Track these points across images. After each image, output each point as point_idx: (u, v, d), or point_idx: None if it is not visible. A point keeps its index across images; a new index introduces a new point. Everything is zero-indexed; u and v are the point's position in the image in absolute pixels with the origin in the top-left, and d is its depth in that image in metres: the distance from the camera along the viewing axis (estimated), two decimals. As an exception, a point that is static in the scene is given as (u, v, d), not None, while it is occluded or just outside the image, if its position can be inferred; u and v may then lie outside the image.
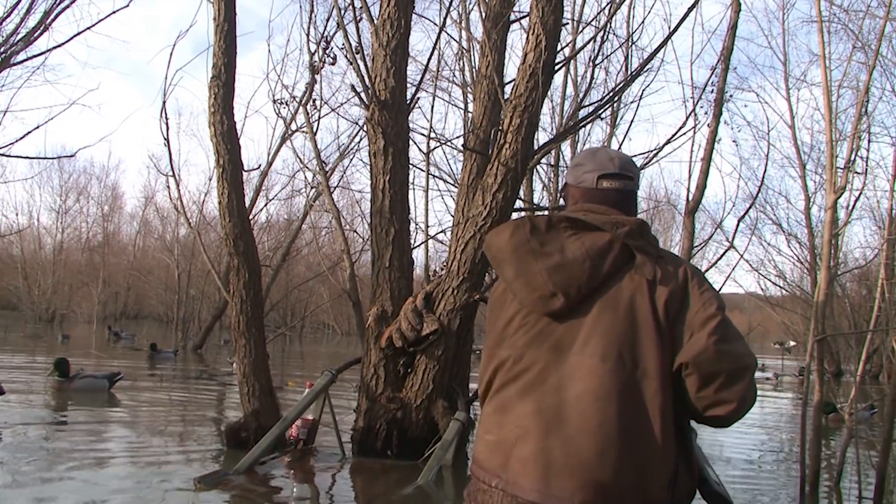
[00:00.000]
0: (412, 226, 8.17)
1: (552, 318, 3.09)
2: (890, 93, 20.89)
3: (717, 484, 3.25)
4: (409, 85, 7.39)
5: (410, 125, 7.54)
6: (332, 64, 9.27)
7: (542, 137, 12.10)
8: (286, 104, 12.50)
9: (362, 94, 7.15)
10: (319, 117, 10.93)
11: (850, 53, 8.26)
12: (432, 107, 8.68)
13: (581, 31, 11.60)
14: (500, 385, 3.17)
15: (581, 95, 12.09)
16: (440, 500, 5.76)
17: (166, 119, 7.80)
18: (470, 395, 6.95)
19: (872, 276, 18.05)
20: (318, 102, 10.82)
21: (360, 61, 7.19)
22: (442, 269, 7.31)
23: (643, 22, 19.65)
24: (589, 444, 2.94)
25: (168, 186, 24.20)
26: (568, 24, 10.69)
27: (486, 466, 3.17)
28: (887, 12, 6.70)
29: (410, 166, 7.81)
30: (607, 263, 3.07)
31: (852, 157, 5.97)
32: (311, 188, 17.02)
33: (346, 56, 7.85)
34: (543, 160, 13.32)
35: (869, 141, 20.12)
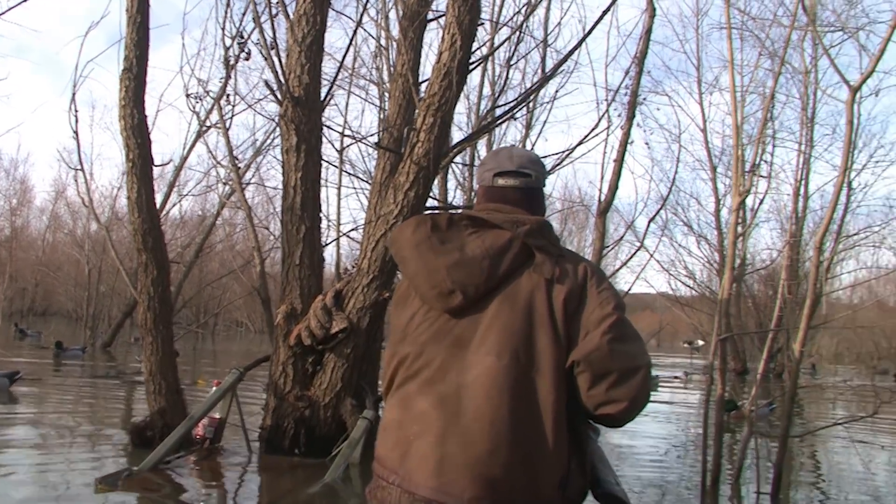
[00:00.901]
0: (325, 223, 8.13)
1: (452, 314, 3.11)
2: (795, 98, 21.54)
3: (614, 485, 3.29)
4: (325, 82, 7.36)
5: (326, 122, 7.51)
6: (247, 59, 9.17)
7: (459, 137, 12.19)
8: (200, 99, 12.34)
9: (276, 91, 7.10)
10: (233, 113, 10.82)
11: (757, 60, 8.44)
12: (347, 104, 8.71)
13: (498, 31, 11.66)
14: (401, 381, 3.19)
15: (496, 95, 12.17)
16: (346, 498, 5.74)
17: (76, 111, 7.67)
18: (379, 393, 6.93)
19: (777, 277, 18.53)
20: (232, 98, 10.72)
21: (274, 57, 7.12)
22: (353, 268, 7.28)
23: (559, 24, 19.90)
24: (481, 440, 2.96)
25: (76, 181, 23.67)
26: (485, 23, 10.77)
27: (385, 463, 3.18)
28: (793, 21, 6.88)
29: (325, 163, 7.77)
30: (506, 262, 3.10)
31: (757, 161, 6.10)
32: (224, 185, 16.84)
33: (261, 52, 7.79)
34: (459, 159, 13.37)
35: (774, 146, 20.66)
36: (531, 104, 12.72)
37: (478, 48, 7.11)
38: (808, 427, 9.34)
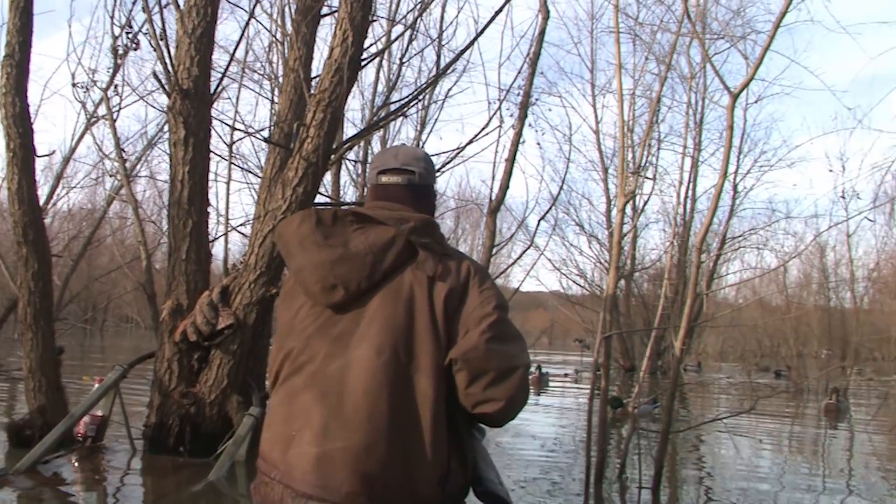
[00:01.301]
0: (214, 218, 8.03)
1: (335, 310, 3.13)
2: (683, 103, 22.07)
3: (496, 483, 3.33)
4: (217, 75, 7.26)
5: (217, 116, 7.41)
6: (136, 49, 8.95)
7: (353, 133, 12.13)
8: (88, 89, 12.00)
9: (165, 83, 6.97)
10: (121, 105, 10.54)
11: (644, 64, 8.62)
12: (237, 98, 8.60)
13: (393, 28, 11.67)
14: (285, 376, 3.19)
15: (388, 93, 12.17)
16: (231, 497, 5.68)
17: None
18: (266, 389, 6.87)
19: (670, 279, 18.96)
20: (120, 89, 10.46)
21: (163, 48, 6.98)
22: (241, 263, 7.20)
23: (453, 22, 20.00)
24: (358, 436, 2.98)
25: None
26: (379, 20, 10.76)
27: (268, 458, 3.18)
28: (679, 27, 7.05)
29: (217, 157, 7.69)
30: (389, 258, 3.13)
31: (644, 163, 6.24)
32: (112, 177, 16.45)
33: (150, 42, 7.62)
34: (353, 156, 13.34)
35: (659, 148, 21.12)
36: (426, 102, 12.77)
37: (371, 44, 7.11)
38: (692, 423, 9.58)
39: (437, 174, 8.05)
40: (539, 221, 8.73)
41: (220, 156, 7.79)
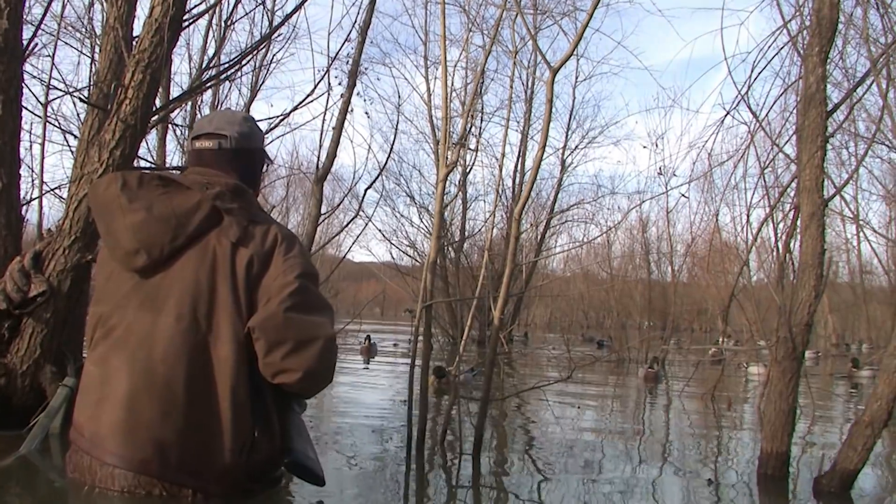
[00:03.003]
0: (29, 180, 7.69)
1: (141, 274, 3.07)
2: (506, 76, 22.44)
3: (307, 456, 3.33)
4: (31, 29, 6.90)
5: (39, 74, 7.07)
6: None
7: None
8: None
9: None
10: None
11: (467, 37, 8.70)
12: (53, 55, 8.15)
13: (222, -11, 11.38)
14: (96, 341, 3.18)
15: (212, 56, 11.89)
16: (44, 470, 5.47)
17: None
18: (83, 359, 6.63)
19: (494, 249, 19.31)
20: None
21: (-31, 0, 6.60)
22: (56, 228, 6.90)
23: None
24: (154, 404, 2.97)
25: None
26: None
27: (77, 426, 3.16)
28: (504, 1, 7.13)
29: (34, 117, 7.35)
30: (193, 223, 3.10)
31: (466, 134, 6.30)
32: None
33: (-45, -8, 7.19)
34: (180, 120, 12.98)
35: (482, 120, 21.42)
36: (257, 66, 12.54)
37: (196, 5, 6.91)
38: (517, 391, 9.80)
39: (266, 138, 7.91)
40: (366, 190, 8.72)
41: (36, 115, 7.41)
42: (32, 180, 7.71)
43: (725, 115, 7.03)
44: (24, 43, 6.67)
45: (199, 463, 2.96)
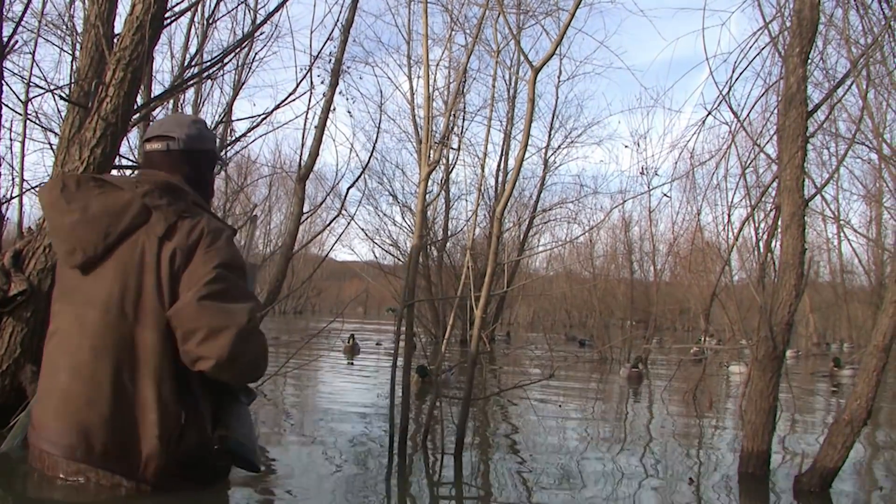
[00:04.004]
0: (9, 178, 7.66)
1: (81, 271, 3.26)
2: (488, 76, 22.49)
3: (242, 446, 3.43)
4: (10, 25, 6.86)
5: (20, 72, 7.02)
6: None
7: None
8: None
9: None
10: None
11: (450, 35, 8.69)
12: (33, 52, 8.07)
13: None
14: (49, 336, 3.39)
15: (194, 54, 11.85)
16: (25, 469, 5.44)
17: None
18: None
19: (477, 248, 19.30)
20: None
21: (-51, -4, 6.55)
22: (36, 227, 6.86)
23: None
24: (82, 393, 3.15)
25: None
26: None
27: (32, 420, 3.37)
28: (486, 2, 7.13)
29: (13, 114, 7.32)
30: (124, 221, 3.29)
31: (448, 133, 6.30)
32: None
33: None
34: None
35: (465, 119, 21.46)
36: (239, 65, 12.48)
37: (177, 2, 6.88)
38: (499, 390, 9.81)
39: (248, 137, 7.86)
40: (348, 189, 8.69)
41: (15, 111, 7.38)
42: (13, 178, 7.67)
43: (707, 115, 7.03)
44: (5, 40, 6.64)
45: (123, 450, 3.13)
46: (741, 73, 6.74)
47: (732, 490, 5.35)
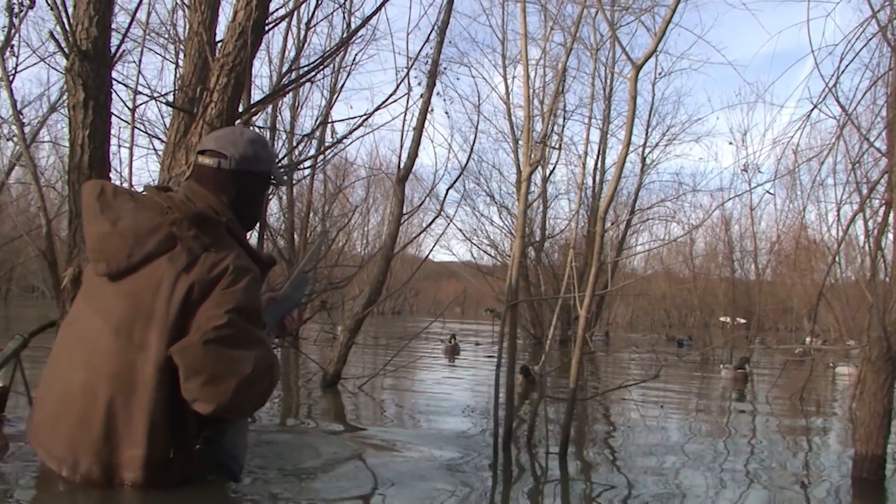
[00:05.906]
0: (117, 184, 7.84)
1: (108, 278, 3.22)
2: (587, 74, 22.28)
3: (226, 452, 3.37)
4: (118, 36, 7.04)
5: (124, 80, 7.21)
6: (31, 8, 8.65)
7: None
8: (-20, 50, 11.54)
9: (62, 44, 6.74)
10: (17, 67, 10.16)
11: (549, 34, 8.64)
12: (140, 61, 8.27)
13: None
14: (65, 324, 3.49)
15: (294, 59, 12.01)
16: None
17: None
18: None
19: (578, 248, 19.15)
20: (17, 50, 10.09)
21: (60, 7, 6.75)
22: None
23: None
24: (76, 409, 3.14)
25: None
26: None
27: (31, 418, 3.44)
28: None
29: (121, 122, 7.51)
30: (149, 246, 3.26)
31: (549, 133, 6.26)
32: (10, 141, 16.02)
33: (46, 1, 7.37)
34: (262, 123, 13.14)
35: (564, 118, 21.30)
36: (336, 69, 12.63)
37: (278, 8, 6.98)
38: (602, 390, 9.71)
39: (347, 140, 7.92)
40: (447, 191, 8.76)
41: (123, 120, 7.58)
42: (121, 184, 7.86)
43: (812, 109, 6.82)
44: (112, 50, 6.81)
45: (107, 478, 3.17)
46: (847, 65, 6.54)
47: (846, 495, 5.20)
